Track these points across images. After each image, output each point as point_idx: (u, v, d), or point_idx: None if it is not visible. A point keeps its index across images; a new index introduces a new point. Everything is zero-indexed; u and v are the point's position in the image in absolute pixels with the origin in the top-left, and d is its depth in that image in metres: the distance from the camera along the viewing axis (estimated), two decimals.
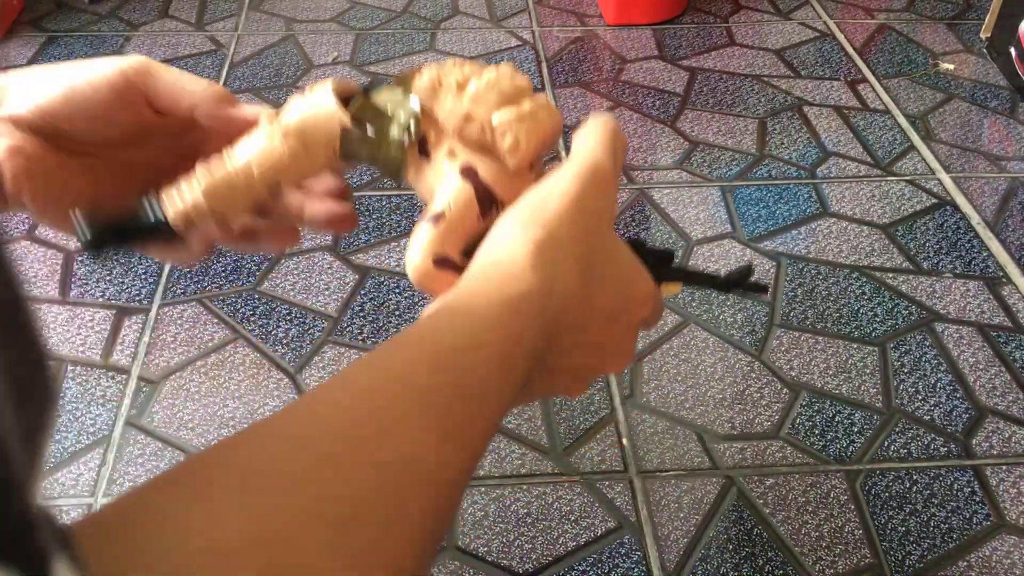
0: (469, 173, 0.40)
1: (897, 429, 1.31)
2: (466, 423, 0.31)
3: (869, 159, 1.80)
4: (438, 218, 0.40)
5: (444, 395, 0.31)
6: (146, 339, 1.42)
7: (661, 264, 0.46)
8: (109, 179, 0.45)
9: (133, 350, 1.41)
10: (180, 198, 0.41)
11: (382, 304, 1.48)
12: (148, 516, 0.24)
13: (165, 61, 2.28)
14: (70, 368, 1.38)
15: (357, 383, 0.31)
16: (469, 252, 0.39)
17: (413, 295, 1.50)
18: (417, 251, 0.39)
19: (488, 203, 0.40)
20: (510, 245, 0.37)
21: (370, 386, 0.30)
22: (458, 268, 0.39)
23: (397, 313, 1.47)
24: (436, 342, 0.33)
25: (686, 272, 0.49)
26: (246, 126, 0.43)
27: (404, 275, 1.53)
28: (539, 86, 2.00)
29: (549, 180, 0.39)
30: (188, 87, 0.43)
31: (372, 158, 0.41)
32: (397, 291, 1.51)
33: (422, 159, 0.41)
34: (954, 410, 1.33)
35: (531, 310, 0.35)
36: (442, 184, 0.40)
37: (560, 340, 0.37)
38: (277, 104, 2.00)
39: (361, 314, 1.46)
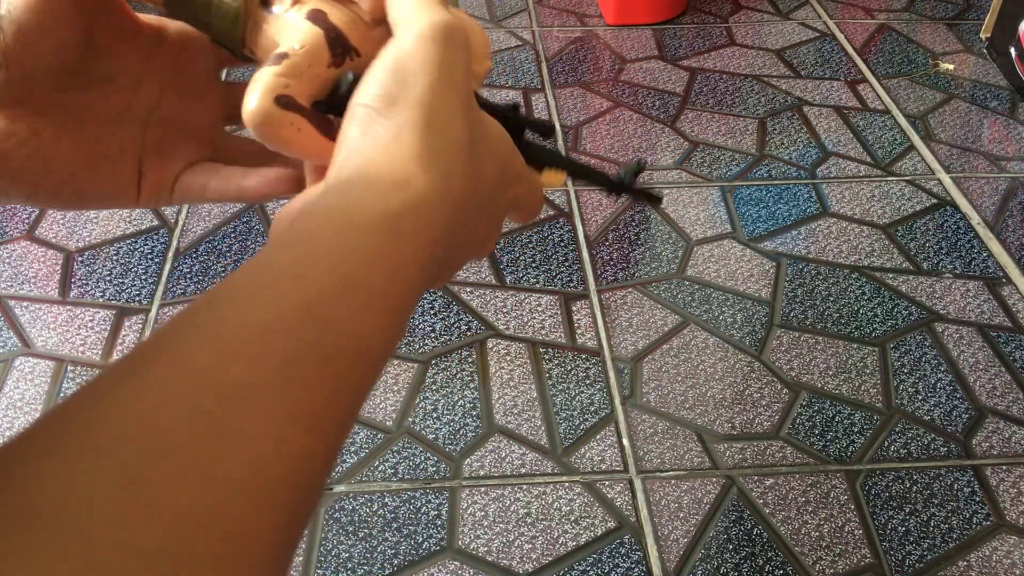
0: (318, 17, 0.34)
1: (897, 429, 1.31)
2: (337, 396, 0.24)
3: (869, 159, 1.80)
4: (280, 57, 0.33)
5: (310, 365, 0.24)
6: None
7: (541, 135, 0.39)
8: (82, 142, 0.36)
9: None
10: None
11: None
12: None
13: None
14: (70, 368, 1.38)
15: (191, 358, 0.23)
16: (317, 108, 0.34)
17: None
18: (255, 92, 0.32)
19: (340, 49, 0.34)
20: (380, 137, 0.29)
21: (209, 362, 0.23)
22: (306, 113, 0.33)
23: None
24: (298, 283, 0.25)
25: (571, 162, 0.41)
26: None
27: None
28: (539, 86, 2.00)
29: (393, 48, 0.31)
30: None
31: (201, 13, 0.35)
32: None
33: (263, 11, 0.35)
34: (954, 410, 1.33)
35: (421, 233, 0.28)
36: (286, 33, 0.34)
37: (454, 248, 0.32)
38: None
39: None
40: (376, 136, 0.30)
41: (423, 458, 1.26)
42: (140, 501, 0.19)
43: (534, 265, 1.56)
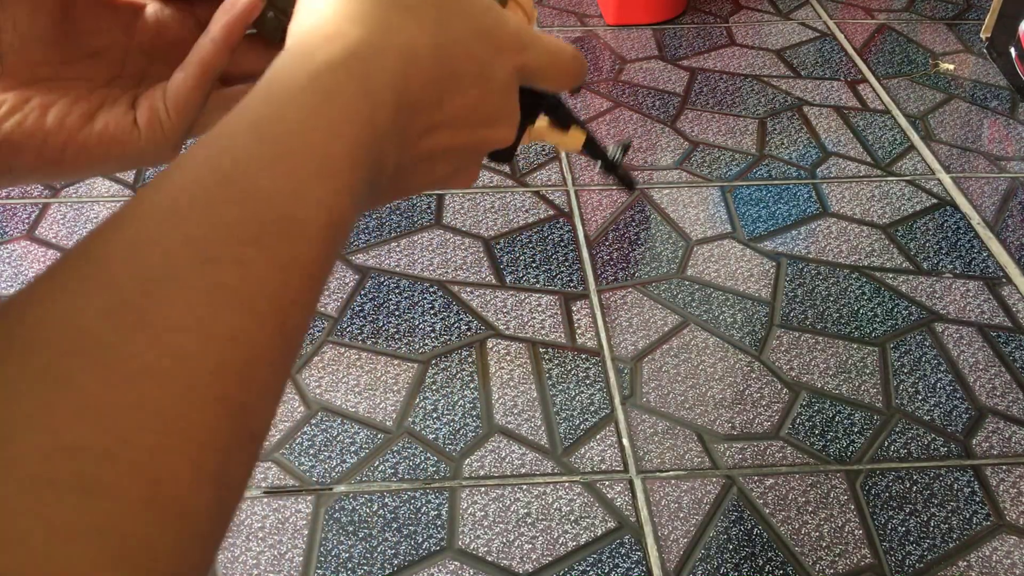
0: None
1: (897, 429, 1.31)
2: (273, 273, 0.23)
3: (869, 159, 1.80)
4: None
5: (233, 244, 0.22)
6: None
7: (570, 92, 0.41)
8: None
9: None
10: None
11: (382, 304, 1.48)
12: None
13: None
14: None
15: (108, 251, 0.22)
16: None
17: (413, 295, 1.50)
18: None
19: None
20: (313, 7, 0.28)
21: (126, 253, 0.22)
22: None
23: (397, 313, 1.47)
24: (218, 159, 0.24)
25: (589, 130, 0.42)
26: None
27: (404, 275, 1.54)
28: None
29: None
30: None
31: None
32: (397, 291, 1.51)
33: None
34: (954, 410, 1.33)
35: (356, 85, 0.26)
36: None
37: (418, 114, 0.29)
38: None
39: (361, 314, 1.46)
40: (309, 8, 0.29)
41: (423, 458, 1.26)
42: (65, 399, 0.19)
43: (534, 265, 1.56)
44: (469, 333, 1.43)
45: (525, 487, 1.23)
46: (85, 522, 0.18)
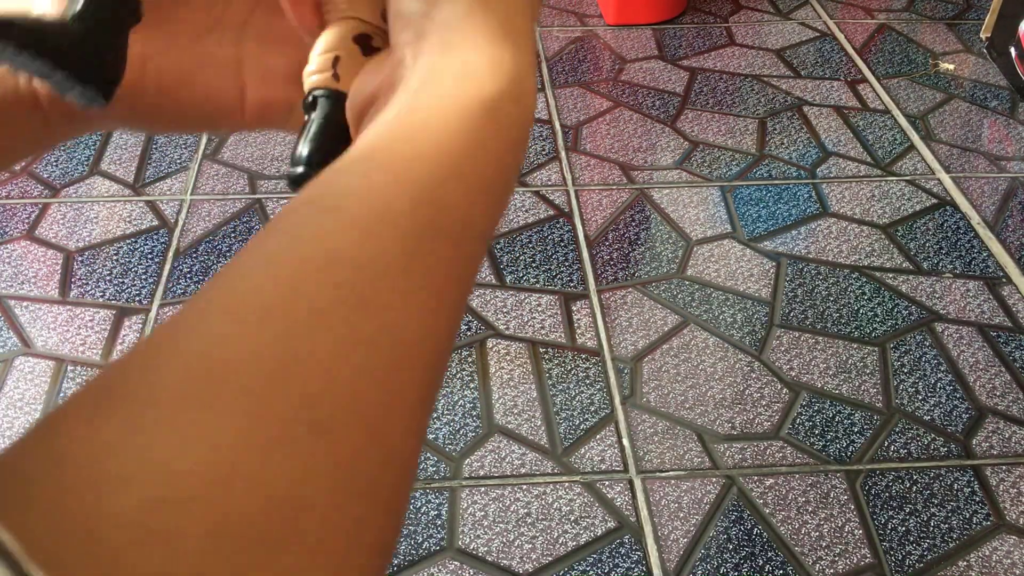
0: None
1: (897, 429, 1.31)
2: (454, 268, 0.27)
3: (869, 159, 1.80)
4: None
5: (428, 242, 0.26)
6: None
7: None
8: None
9: None
10: None
11: None
12: (71, 460, 0.18)
13: None
14: (70, 368, 1.38)
15: (325, 239, 0.25)
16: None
17: None
18: (322, 43, 0.33)
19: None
20: (451, 19, 0.31)
21: (342, 242, 0.25)
22: (379, 48, 0.33)
23: None
24: (410, 170, 0.27)
25: None
26: None
27: None
28: (539, 86, 2.00)
29: None
30: None
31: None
32: None
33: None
34: (954, 410, 1.33)
35: (516, 109, 0.30)
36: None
37: None
38: None
39: None
40: (445, 20, 0.31)
41: (423, 458, 1.26)
42: (306, 362, 0.22)
43: (534, 265, 1.56)
44: (469, 333, 1.43)
45: (525, 487, 1.23)
46: (323, 459, 0.21)
